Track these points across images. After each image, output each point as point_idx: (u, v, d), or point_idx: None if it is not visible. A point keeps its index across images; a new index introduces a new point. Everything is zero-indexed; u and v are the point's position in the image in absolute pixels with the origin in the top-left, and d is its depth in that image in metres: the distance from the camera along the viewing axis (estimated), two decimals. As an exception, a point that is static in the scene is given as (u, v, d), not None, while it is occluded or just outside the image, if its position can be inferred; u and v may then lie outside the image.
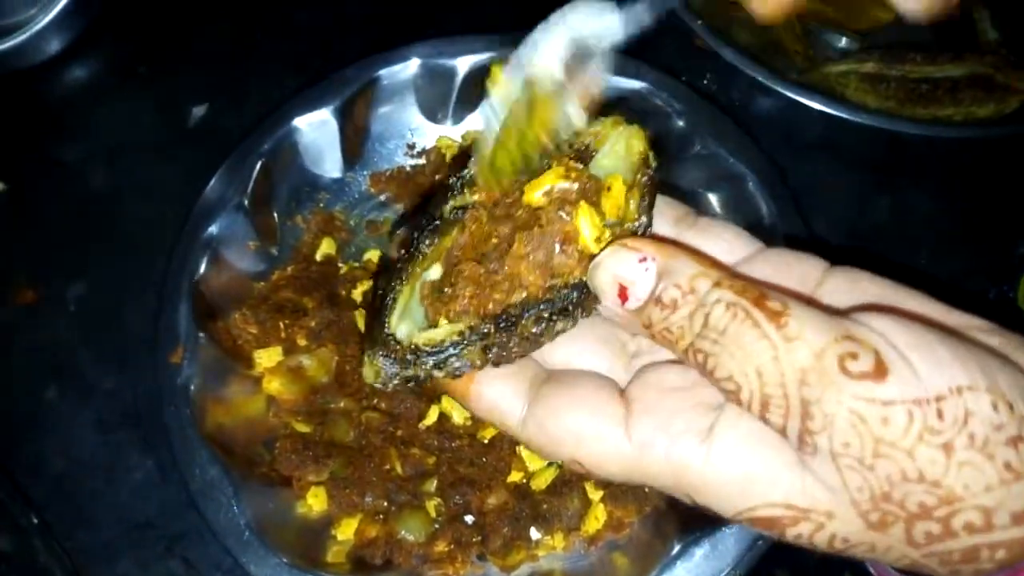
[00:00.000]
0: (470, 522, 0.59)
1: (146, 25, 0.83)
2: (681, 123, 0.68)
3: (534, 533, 0.59)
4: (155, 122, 0.77)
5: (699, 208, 0.68)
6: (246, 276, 0.67)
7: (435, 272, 0.36)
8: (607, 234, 0.33)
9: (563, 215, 0.34)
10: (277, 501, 0.58)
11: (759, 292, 0.29)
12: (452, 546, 0.58)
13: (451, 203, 0.37)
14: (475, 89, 0.73)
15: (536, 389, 0.34)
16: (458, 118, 0.75)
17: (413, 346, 0.33)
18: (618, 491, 0.60)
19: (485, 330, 0.33)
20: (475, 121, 0.74)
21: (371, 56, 0.71)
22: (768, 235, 0.64)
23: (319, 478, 0.60)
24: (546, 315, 0.33)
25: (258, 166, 0.67)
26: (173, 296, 0.62)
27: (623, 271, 0.31)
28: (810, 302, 0.31)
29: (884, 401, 0.26)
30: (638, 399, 0.33)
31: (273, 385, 0.62)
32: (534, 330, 0.33)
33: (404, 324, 0.34)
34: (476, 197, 0.36)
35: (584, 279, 0.33)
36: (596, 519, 0.59)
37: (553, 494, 0.60)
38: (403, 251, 0.36)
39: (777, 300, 0.28)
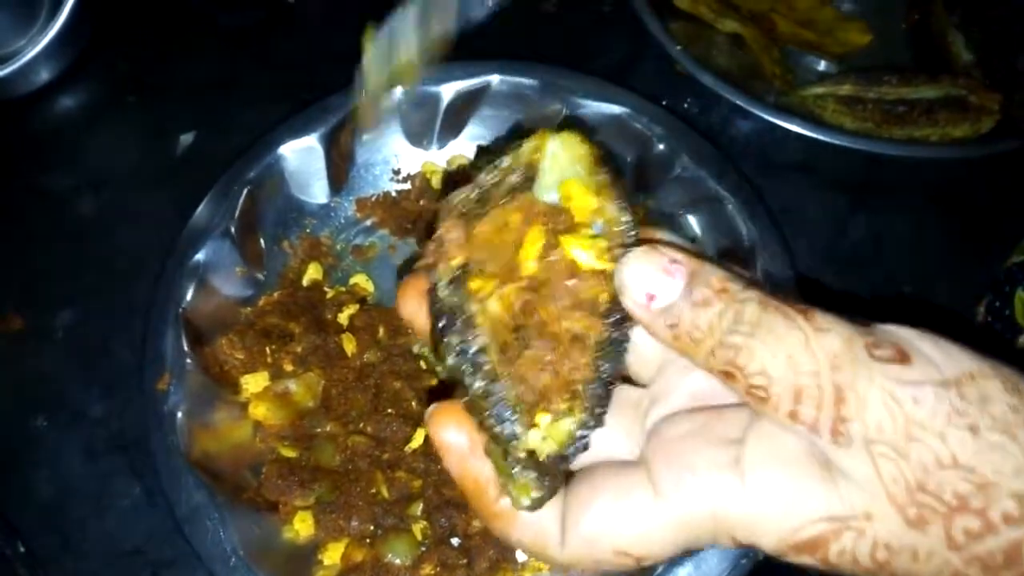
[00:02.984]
0: (456, 545, 0.60)
1: (134, 55, 0.84)
2: (661, 147, 0.69)
3: (520, 555, 0.59)
4: (143, 150, 0.78)
5: (680, 231, 0.70)
6: (233, 302, 0.68)
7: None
8: (603, 243, 0.33)
9: (556, 256, 0.33)
10: (264, 526, 0.59)
11: (784, 297, 0.30)
12: (439, 569, 0.58)
13: (441, 281, 0.34)
14: (459, 115, 0.74)
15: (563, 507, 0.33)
16: (443, 143, 0.76)
17: (549, 456, 0.32)
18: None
19: (596, 405, 0.32)
20: (459, 146, 0.76)
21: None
22: (748, 257, 0.65)
23: (305, 503, 0.60)
24: (616, 350, 0.33)
25: (244, 193, 0.68)
26: (160, 323, 0.62)
27: (653, 272, 0.31)
28: None
29: (913, 382, 0.27)
30: (656, 455, 0.32)
31: (259, 410, 0.62)
32: (618, 367, 0.33)
33: (524, 432, 0.32)
34: (454, 263, 0.34)
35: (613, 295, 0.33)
36: (581, 540, 0.59)
37: (538, 516, 0.60)
38: (456, 362, 0.33)
39: (801, 303, 0.29)
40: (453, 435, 0.33)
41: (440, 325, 0.33)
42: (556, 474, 0.32)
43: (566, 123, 0.36)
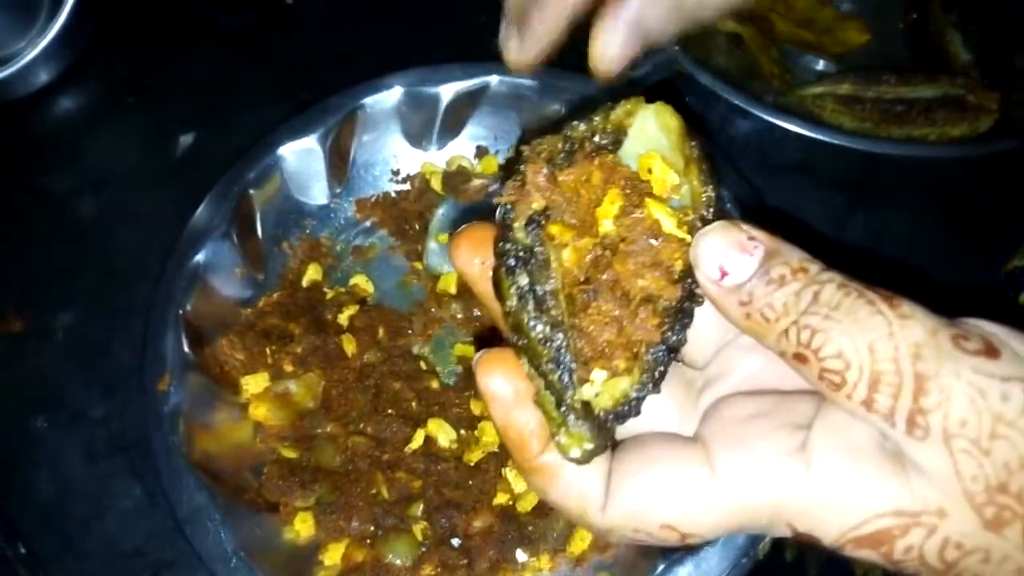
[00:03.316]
0: (456, 545, 0.60)
1: (134, 56, 0.84)
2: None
3: (520, 555, 0.60)
4: (143, 151, 0.78)
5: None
6: (233, 303, 0.68)
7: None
8: (682, 214, 0.32)
9: (638, 215, 0.32)
10: (264, 527, 0.59)
11: (866, 282, 0.28)
12: (439, 569, 0.58)
13: (518, 222, 0.33)
14: (458, 115, 0.74)
15: (610, 469, 0.33)
16: (442, 144, 0.76)
17: (603, 412, 0.31)
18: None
19: (655, 370, 0.32)
20: (458, 147, 0.76)
21: (356, 85, 0.72)
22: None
23: (306, 503, 0.60)
24: (682, 320, 0.32)
25: (244, 194, 0.68)
26: (160, 324, 0.63)
27: (729, 247, 0.30)
28: None
29: (1003, 376, 0.26)
30: (716, 435, 0.31)
31: (260, 411, 0.63)
32: (681, 338, 0.32)
33: (580, 384, 0.31)
34: (536, 205, 0.33)
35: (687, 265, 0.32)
36: (582, 540, 0.60)
37: (539, 515, 0.60)
38: (519, 303, 0.32)
39: (885, 289, 0.28)
40: (500, 383, 0.32)
41: (510, 263, 0.32)
42: (607, 432, 0.31)
43: (662, 91, 0.35)
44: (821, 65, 0.84)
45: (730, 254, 0.30)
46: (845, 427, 0.28)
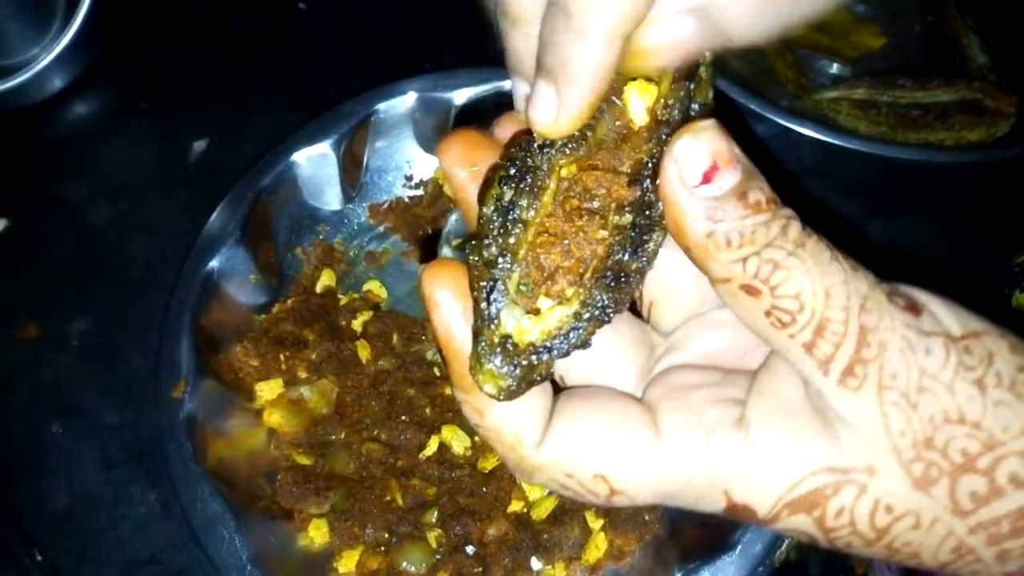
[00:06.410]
0: (471, 553, 0.60)
1: (147, 62, 0.84)
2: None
3: (535, 563, 0.59)
4: (156, 158, 0.78)
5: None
6: (247, 309, 0.68)
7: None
8: (665, 91, 0.30)
9: (614, 100, 0.30)
10: (278, 534, 0.59)
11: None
12: (453, 577, 0.58)
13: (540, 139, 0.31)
14: (471, 121, 0.74)
15: (551, 410, 0.31)
16: (455, 149, 0.75)
17: (530, 345, 0.29)
18: (618, 519, 0.60)
19: (597, 298, 0.29)
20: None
21: (367, 90, 0.72)
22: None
23: (320, 510, 0.60)
24: (635, 239, 0.30)
25: (258, 200, 0.68)
26: (174, 330, 0.63)
27: (720, 153, 0.27)
28: None
29: (925, 332, 0.27)
30: (663, 397, 0.31)
31: (274, 418, 0.63)
32: (636, 265, 0.30)
33: (513, 317, 0.29)
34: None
35: (654, 159, 0.29)
36: (597, 548, 0.59)
37: (553, 523, 0.60)
38: (492, 214, 0.30)
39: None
40: (445, 292, 0.30)
41: (509, 172, 0.30)
42: (532, 366, 0.29)
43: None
44: (836, 69, 0.84)
45: (720, 159, 0.27)
46: (775, 390, 0.29)
